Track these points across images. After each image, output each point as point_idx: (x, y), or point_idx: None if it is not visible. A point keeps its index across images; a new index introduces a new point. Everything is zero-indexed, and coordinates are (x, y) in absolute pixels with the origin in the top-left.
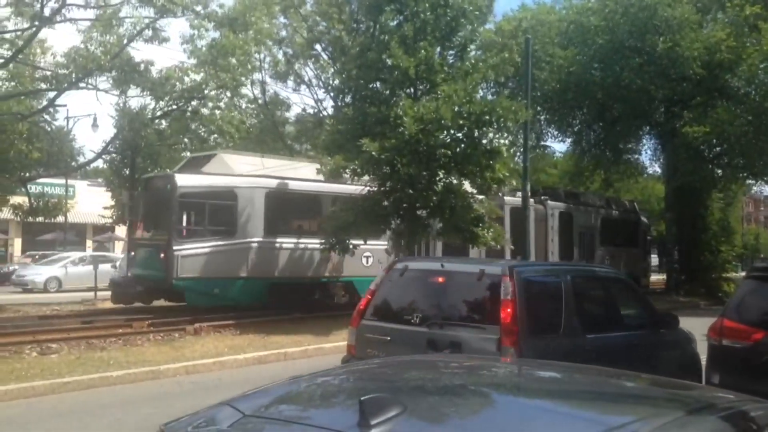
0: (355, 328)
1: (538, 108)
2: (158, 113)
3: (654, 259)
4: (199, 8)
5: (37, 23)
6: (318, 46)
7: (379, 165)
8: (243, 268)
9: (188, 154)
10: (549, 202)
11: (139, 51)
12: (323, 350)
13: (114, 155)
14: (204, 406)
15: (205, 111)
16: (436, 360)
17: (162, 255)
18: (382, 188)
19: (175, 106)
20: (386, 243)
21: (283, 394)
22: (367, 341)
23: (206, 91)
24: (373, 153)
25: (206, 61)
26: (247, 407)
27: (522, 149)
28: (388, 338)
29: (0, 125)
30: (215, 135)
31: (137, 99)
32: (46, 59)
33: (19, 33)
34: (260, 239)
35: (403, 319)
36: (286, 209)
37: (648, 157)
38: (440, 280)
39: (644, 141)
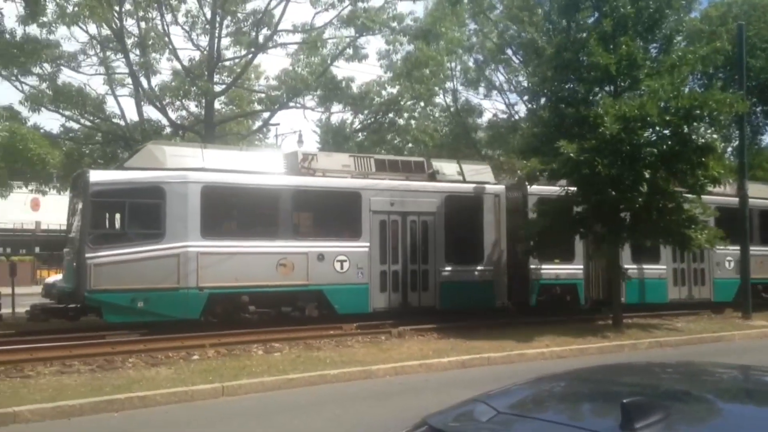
0: None
1: (754, 99)
2: (357, 126)
3: None
4: (394, 24)
5: (252, 50)
6: (509, 50)
7: (577, 167)
8: (173, 278)
9: None
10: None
11: (341, 69)
12: (526, 356)
13: None
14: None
15: (401, 122)
16: (681, 366)
17: (74, 264)
18: (581, 191)
19: (373, 119)
20: (365, 244)
21: (532, 394)
22: None
23: (402, 103)
24: (571, 155)
25: (401, 74)
26: (500, 405)
27: (735, 144)
28: None
29: (224, 144)
30: (410, 144)
31: (338, 114)
32: (260, 83)
33: (237, 60)
34: (196, 243)
35: None
36: (232, 207)
37: None
38: None
39: None
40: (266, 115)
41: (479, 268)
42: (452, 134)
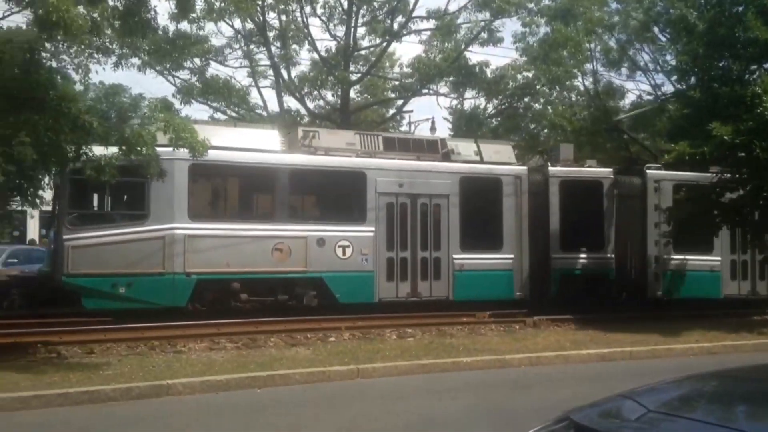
0: None
1: None
2: (491, 112)
3: None
4: (531, 5)
5: (387, 38)
6: (655, 28)
7: (732, 150)
8: (157, 262)
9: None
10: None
11: (475, 54)
12: (673, 351)
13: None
14: (554, 398)
15: (536, 106)
16: None
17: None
18: (737, 176)
19: (507, 104)
20: (370, 228)
21: (683, 392)
22: None
23: (538, 87)
24: (726, 137)
25: (538, 57)
26: (650, 402)
27: None
28: None
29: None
30: (546, 130)
31: (470, 100)
32: (394, 70)
33: (372, 49)
34: (182, 225)
35: None
36: (223, 187)
37: None
38: None
39: None
40: (400, 102)
41: (498, 256)
42: (591, 118)
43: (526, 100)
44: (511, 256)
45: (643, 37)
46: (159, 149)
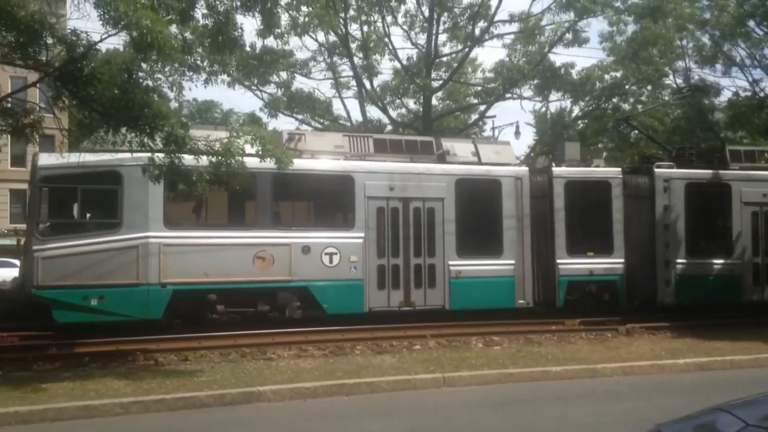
0: None
1: None
2: (578, 114)
3: None
4: (617, 4)
5: (469, 44)
6: (751, 22)
7: None
8: (131, 273)
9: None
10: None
11: (559, 55)
12: None
13: (544, 157)
14: (648, 409)
15: (625, 107)
16: None
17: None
18: None
19: (594, 106)
20: (359, 234)
21: None
22: None
23: (627, 87)
24: None
25: (626, 56)
26: (749, 416)
27: None
28: None
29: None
30: (636, 131)
31: (556, 103)
32: (477, 76)
33: (453, 55)
34: (158, 234)
35: None
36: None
37: None
38: None
39: None
40: (482, 108)
41: (497, 262)
42: (685, 117)
43: (614, 100)
44: (512, 262)
45: (738, 32)
46: (132, 156)
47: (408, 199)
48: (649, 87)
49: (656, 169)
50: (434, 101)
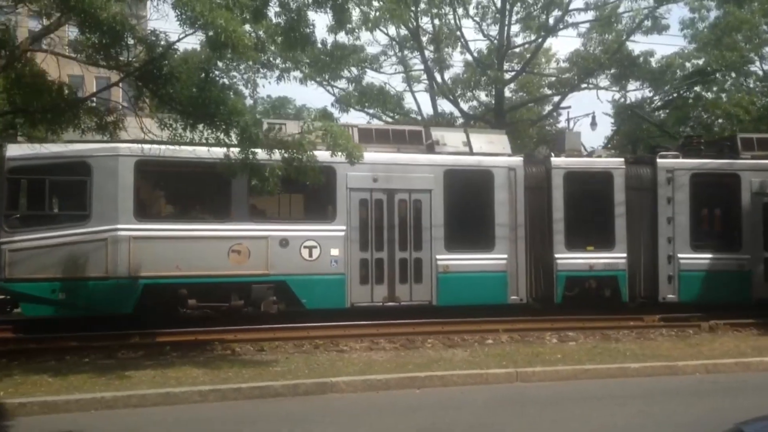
0: None
1: None
2: (657, 103)
3: None
4: None
5: (542, 34)
6: None
7: None
8: (100, 266)
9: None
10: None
11: (638, 44)
12: None
13: (614, 150)
14: (731, 408)
15: (708, 95)
16: None
17: None
18: None
19: (675, 94)
20: (341, 227)
21: None
22: None
23: (710, 75)
24: None
25: (709, 43)
26: None
27: None
28: None
29: (515, 131)
30: (720, 120)
31: (635, 92)
32: (550, 66)
33: (526, 46)
34: (127, 226)
35: None
36: (173, 185)
37: None
38: None
39: None
40: (556, 98)
41: (489, 256)
42: None
43: (696, 89)
44: (504, 256)
45: None
46: (102, 145)
47: (393, 191)
48: (733, 74)
49: (659, 160)
50: (507, 93)
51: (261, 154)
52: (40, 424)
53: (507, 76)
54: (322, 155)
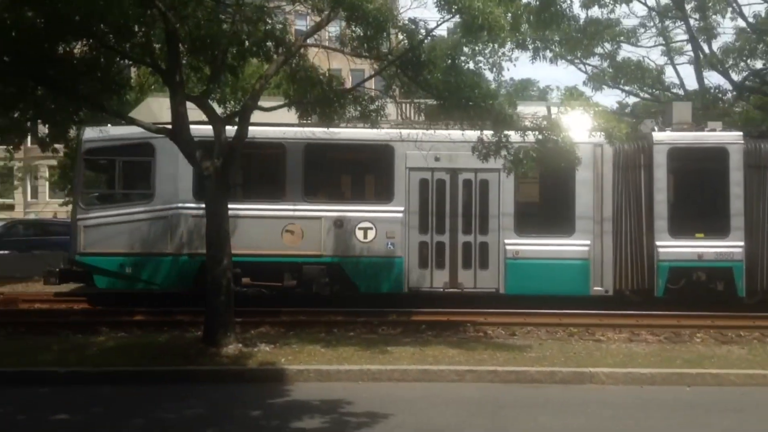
0: None
1: None
2: None
3: None
4: None
5: None
6: None
7: None
8: (163, 243)
9: None
10: None
11: None
12: None
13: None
14: None
15: None
16: None
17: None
18: None
19: None
20: (399, 208)
21: None
22: None
23: None
24: None
25: None
26: None
27: None
28: None
29: None
30: None
31: None
32: None
33: None
34: (188, 205)
35: None
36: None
37: None
38: None
39: None
40: None
41: (567, 242)
42: None
43: None
44: (587, 242)
45: None
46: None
47: (457, 170)
48: None
49: None
50: None
51: (514, 136)
52: (316, 390)
53: None
54: (379, 134)
